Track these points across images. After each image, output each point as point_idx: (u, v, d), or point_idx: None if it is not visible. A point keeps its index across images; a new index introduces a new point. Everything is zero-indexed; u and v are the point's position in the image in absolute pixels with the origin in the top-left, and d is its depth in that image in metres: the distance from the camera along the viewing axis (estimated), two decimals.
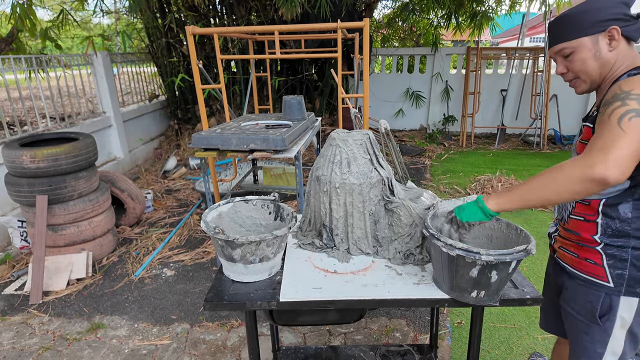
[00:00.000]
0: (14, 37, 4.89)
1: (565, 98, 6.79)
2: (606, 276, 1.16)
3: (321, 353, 1.97)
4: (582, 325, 1.24)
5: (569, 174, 0.99)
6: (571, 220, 1.25)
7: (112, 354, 2.23)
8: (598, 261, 1.18)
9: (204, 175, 2.71)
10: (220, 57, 2.89)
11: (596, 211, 1.17)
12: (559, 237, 1.33)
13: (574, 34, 1.12)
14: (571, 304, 1.27)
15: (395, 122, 7.53)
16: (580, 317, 1.24)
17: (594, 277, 1.19)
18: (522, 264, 2.99)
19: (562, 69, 1.20)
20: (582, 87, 1.19)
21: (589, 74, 1.15)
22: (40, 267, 2.78)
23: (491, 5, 6.92)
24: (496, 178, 4.70)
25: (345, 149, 1.42)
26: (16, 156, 2.80)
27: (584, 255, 1.22)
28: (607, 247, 1.16)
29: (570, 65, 1.17)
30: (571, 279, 1.27)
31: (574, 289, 1.26)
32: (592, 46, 1.11)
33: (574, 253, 1.25)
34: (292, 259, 1.44)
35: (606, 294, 1.17)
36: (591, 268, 1.20)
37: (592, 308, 1.20)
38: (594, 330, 1.22)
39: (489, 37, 15.59)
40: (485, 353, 2.16)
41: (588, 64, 1.13)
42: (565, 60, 1.18)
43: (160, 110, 6.46)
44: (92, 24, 9.23)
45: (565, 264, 1.30)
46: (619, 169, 0.93)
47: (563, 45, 1.15)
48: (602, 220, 1.16)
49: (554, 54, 1.20)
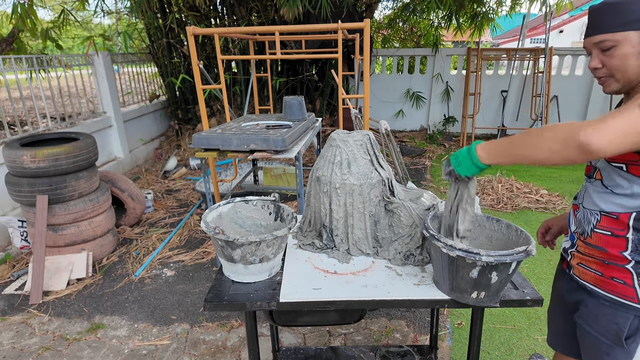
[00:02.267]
0: (15, 37, 4.90)
1: (566, 99, 6.79)
2: (637, 297, 1.07)
3: (321, 354, 1.97)
4: (604, 346, 1.15)
5: (556, 133, 0.91)
6: (595, 234, 1.12)
7: (111, 354, 2.23)
8: (628, 281, 1.08)
9: (204, 176, 2.71)
10: (221, 57, 2.90)
11: (626, 225, 1.06)
12: (578, 254, 1.20)
13: (621, 26, 0.98)
14: (591, 323, 1.17)
15: (395, 122, 7.53)
16: (603, 337, 1.15)
17: (623, 297, 1.09)
18: (522, 265, 2.99)
19: (596, 64, 1.05)
20: (613, 87, 1.05)
21: (626, 73, 1.01)
22: (41, 267, 2.78)
23: (492, 6, 6.92)
24: (496, 179, 4.69)
25: (345, 149, 1.42)
26: (17, 156, 2.81)
27: (610, 274, 1.11)
28: (638, 265, 1.06)
29: (607, 61, 1.03)
30: (593, 297, 1.16)
31: (597, 308, 1.15)
32: (637, 43, 0.98)
33: (598, 271, 1.14)
34: (292, 259, 1.44)
35: (635, 316, 1.08)
36: (619, 288, 1.09)
37: (618, 330, 1.11)
38: (617, 352, 1.13)
39: (490, 38, 15.61)
40: (485, 354, 2.15)
41: (629, 62, 0.99)
42: (602, 54, 1.03)
43: (160, 111, 6.47)
44: (92, 24, 9.25)
45: (585, 282, 1.18)
46: (607, 137, 0.85)
47: (605, 36, 1.00)
48: (634, 235, 1.05)
49: (591, 45, 1.05)
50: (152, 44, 5.88)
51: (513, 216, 3.91)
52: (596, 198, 1.12)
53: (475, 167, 1.09)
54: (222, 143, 2.45)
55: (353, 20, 5.15)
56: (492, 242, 1.28)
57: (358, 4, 5.75)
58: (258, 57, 3.15)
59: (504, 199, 4.23)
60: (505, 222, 1.25)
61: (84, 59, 4.80)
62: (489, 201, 4.23)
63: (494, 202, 4.20)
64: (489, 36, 13.98)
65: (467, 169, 1.11)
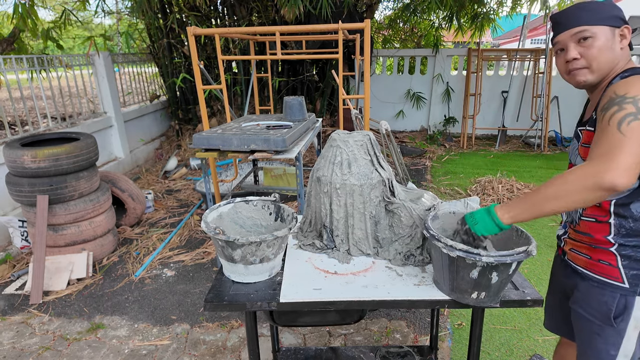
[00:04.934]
0: (15, 37, 4.91)
1: (567, 100, 6.79)
2: (621, 277, 1.16)
3: (321, 354, 1.97)
4: (595, 327, 1.23)
5: (579, 184, 0.98)
6: (582, 222, 1.24)
7: (112, 354, 2.23)
8: (613, 262, 1.17)
9: (205, 176, 2.71)
10: (221, 57, 2.90)
11: (608, 212, 1.16)
12: (569, 240, 1.32)
13: (598, 21, 1.11)
14: (584, 305, 1.26)
15: (396, 123, 7.53)
16: (594, 318, 1.23)
17: (609, 278, 1.18)
18: (522, 266, 2.99)
19: (575, 54, 1.14)
20: (588, 77, 1.15)
21: (601, 65, 1.12)
22: (41, 267, 2.78)
23: (492, 7, 6.92)
24: (497, 180, 4.69)
25: (345, 149, 1.42)
26: (17, 156, 2.81)
27: (598, 257, 1.21)
28: (621, 247, 1.16)
29: (585, 52, 1.13)
30: (584, 280, 1.25)
31: (587, 290, 1.24)
32: (611, 37, 1.11)
33: (587, 255, 1.24)
34: (292, 259, 1.44)
35: (621, 295, 1.16)
36: (606, 269, 1.19)
37: (607, 309, 1.19)
38: (608, 332, 1.21)
39: (490, 38, 15.60)
40: (485, 355, 2.15)
41: (604, 54, 1.11)
42: (579, 46, 1.13)
43: (161, 111, 6.47)
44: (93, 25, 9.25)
45: (577, 266, 1.28)
46: (627, 175, 0.93)
47: (584, 27, 1.11)
48: (615, 220, 1.15)
49: (568, 37, 1.15)
50: (153, 44, 5.89)
51: None
52: None
53: (497, 227, 1.11)
54: (223, 143, 2.45)
55: (353, 21, 5.15)
56: (493, 242, 1.28)
57: (358, 5, 5.75)
58: (259, 58, 3.16)
59: (505, 200, 4.23)
60: None
61: (84, 59, 4.80)
62: (489, 202, 4.23)
63: (494, 203, 4.20)
64: (490, 37, 13.97)
65: (486, 229, 1.13)
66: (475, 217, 1.15)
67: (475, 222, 1.15)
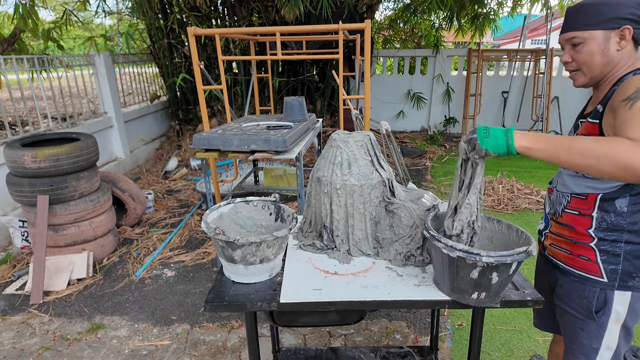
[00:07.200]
0: (16, 38, 4.92)
1: (567, 100, 6.79)
2: (600, 272, 1.19)
3: (321, 354, 1.97)
4: (578, 321, 1.26)
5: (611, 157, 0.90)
6: (565, 214, 1.26)
7: (112, 354, 2.23)
8: (592, 257, 1.20)
9: (205, 176, 2.71)
10: (221, 58, 2.90)
11: (592, 205, 1.18)
12: (550, 234, 1.34)
13: (588, 25, 1.11)
14: (566, 300, 1.29)
15: (396, 123, 7.53)
16: (576, 313, 1.26)
17: (589, 273, 1.21)
18: (523, 266, 2.99)
19: (567, 58, 1.19)
20: (581, 80, 1.19)
21: (591, 69, 1.14)
22: (41, 267, 2.78)
23: (493, 7, 6.92)
24: (497, 180, 4.69)
25: (346, 150, 1.42)
26: (18, 156, 2.81)
27: (577, 252, 1.23)
28: (600, 242, 1.18)
29: (576, 56, 1.16)
30: (565, 275, 1.28)
31: (569, 285, 1.27)
32: (602, 41, 1.11)
33: (567, 250, 1.26)
34: (292, 260, 1.44)
35: (601, 289, 1.19)
36: (585, 264, 1.21)
37: (588, 304, 1.22)
38: (590, 326, 1.24)
39: (491, 39, 15.60)
40: (485, 355, 2.15)
41: (594, 59, 1.13)
42: (572, 50, 1.17)
43: (161, 111, 6.47)
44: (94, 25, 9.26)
45: (557, 261, 1.31)
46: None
47: (575, 33, 1.14)
48: (598, 214, 1.17)
49: (563, 40, 1.19)
50: (153, 44, 5.89)
51: (514, 217, 3.91)
52: (569, 181, 1.24)
53: (506, 146, 1.01)
54: (223, 143, 2.45)
55: (354, 21, 5.16)
56: (493, 242, 1.28)
57: (359, 5, 5.76)
58: (259, 58, 3.16)
59: (505, 200, 4.23)
60: (506, 222, 1.25)
61: (85, 59, 4.81)
62: (489, 202, 4.23)
63: (494, 203, 4.20)
64: (490, 37, 13.97)
65: (494, 146, 1.02)
66: (489, 131, 1.04)
67: (487, 134, 1.04)
